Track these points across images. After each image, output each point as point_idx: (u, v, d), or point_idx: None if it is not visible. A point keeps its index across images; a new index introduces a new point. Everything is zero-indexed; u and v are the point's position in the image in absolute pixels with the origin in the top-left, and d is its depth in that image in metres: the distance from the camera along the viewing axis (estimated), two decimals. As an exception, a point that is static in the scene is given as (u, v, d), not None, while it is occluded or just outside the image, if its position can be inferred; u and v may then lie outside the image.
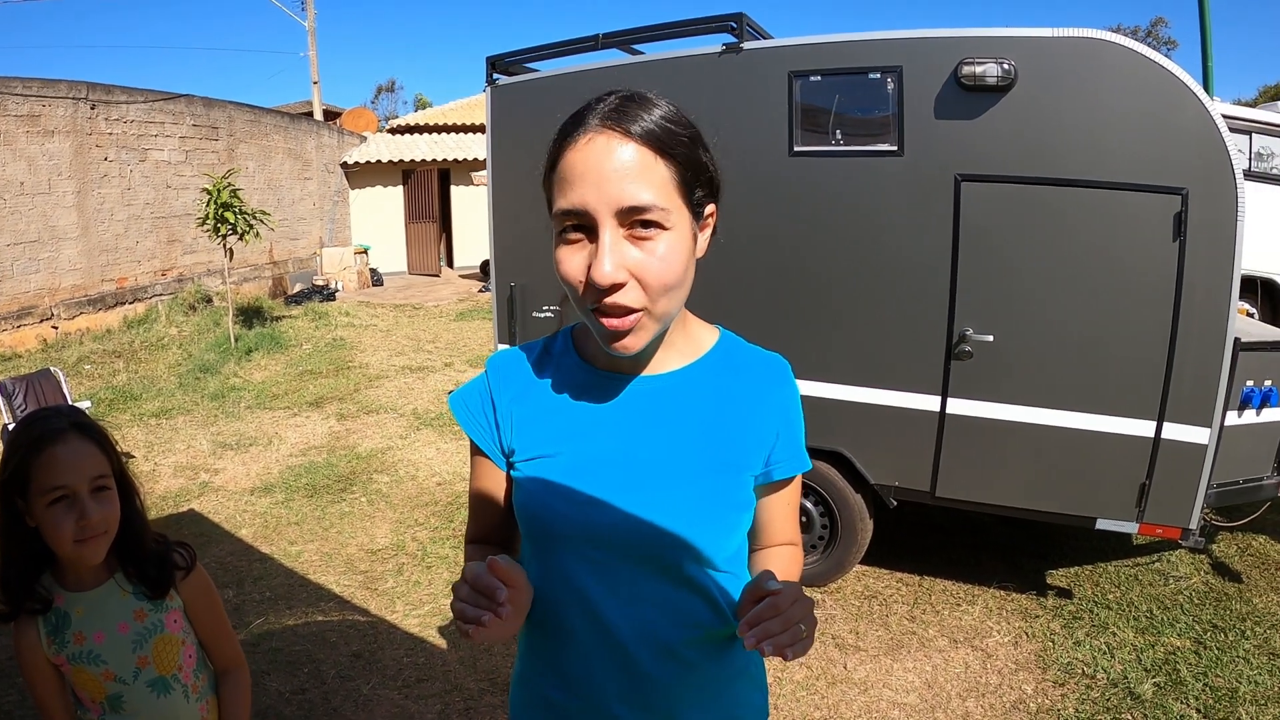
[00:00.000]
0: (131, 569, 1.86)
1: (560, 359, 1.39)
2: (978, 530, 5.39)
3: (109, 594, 1.84)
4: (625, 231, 1.14)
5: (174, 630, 1.91)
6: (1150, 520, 3.99)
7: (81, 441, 1.74)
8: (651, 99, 1.19)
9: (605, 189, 1.12)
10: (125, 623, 1.84)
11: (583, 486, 1.29)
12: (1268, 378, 4.23)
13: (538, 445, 1.34)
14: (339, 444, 7.53)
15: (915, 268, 4.14)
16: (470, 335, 12.67)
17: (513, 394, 1.38)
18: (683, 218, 1.19)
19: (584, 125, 1.16)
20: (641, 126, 1.14)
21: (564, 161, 1.16)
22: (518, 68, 5.23)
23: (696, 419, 1.32)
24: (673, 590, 1.30)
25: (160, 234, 13.03)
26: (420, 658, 4.08)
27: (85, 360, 10.18)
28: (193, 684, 1.94)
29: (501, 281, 5.32)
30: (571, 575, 1.31)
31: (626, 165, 1.13)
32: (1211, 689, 3.77)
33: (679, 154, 1.17)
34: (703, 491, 1.29)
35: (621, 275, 1.13)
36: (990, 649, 4.13)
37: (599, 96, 1.20)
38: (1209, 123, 3.61)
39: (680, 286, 1.20)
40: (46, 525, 1.71)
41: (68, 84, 11.24)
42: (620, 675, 1.30)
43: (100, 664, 1.80)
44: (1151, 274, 3.77)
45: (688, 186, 1.19)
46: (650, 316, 1.18)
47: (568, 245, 1.17)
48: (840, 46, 4.13)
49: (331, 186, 19.08)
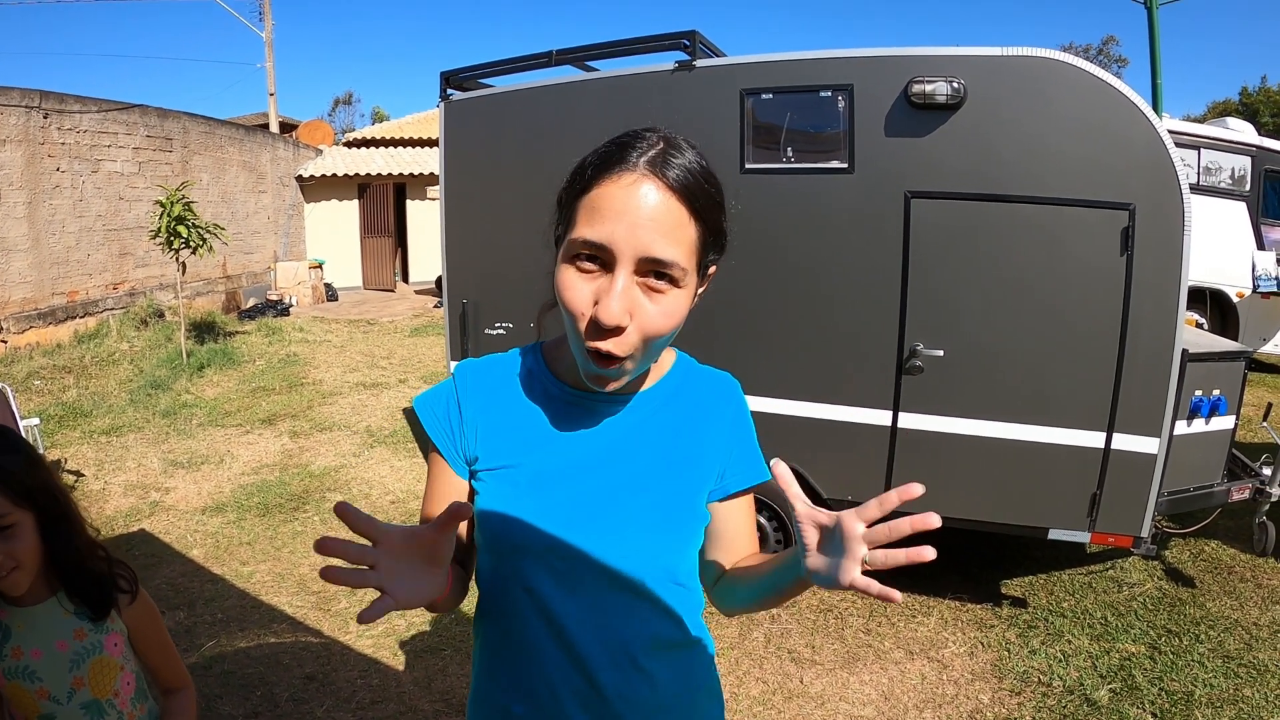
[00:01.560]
0: (72, 591, 1.82)
1: (531, 372, 1.40)
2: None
3: (50, 611, 1.81)
4: (639, 279, 1.16)
5: (113, 654, 1.86)
6: (1102, 529, 4.05)
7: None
8: (691, 151, 1.21)
9: (637, 235, 1.13)
10: (64, 641, 1.80)
11: (545, 498, 1.30)
12: (1216, 387, 4.30)
13: (501, 455, 1.34)
14: (292, 462, 7.44)
15: (866, 284, 4.17)
16: (425, 351, 12.59)
17: (480, 403, 1.38)
18: (692, 280, 1.21)
19: (627, 163, 1.16)
20: (683, 183, 1.16)
21: (599, 191, 1.17)
22: (472, 83, 5.22)
23: (656, 436, 1.35)
24: (634, 603, 1.31)
25: (112, 247, 12.84)
26: (374, 679, 4.04)
27: (35, 376, 9.99)
28: (129, 711, 1.89)
29: (454, 298, 5.30)
30: (533, 587, 1.31)
31: (661, 218, 1.14)
32: (1167, 693, 3.81)
33: (709, 218, 1.20)
34: (663, 506, 1.31)
35: (626, 319, 1.14)
36: (946, 660, 4.15)
37: (640, 133, 1.21)
38: (1156, 139, 3.67)
39: (669, 340, 1.23)
40: None
41: (20, 92, 11.03)
42: (582, 687, 1.30)
43: (36, 681, 1.76)
44: (1100, 287, 3.83)
45: (705, 249, 1.22)
46: (634, 361, 1.20)
47: (578, 272, 1.18)
48: (792, 65, 4.16)
49: (286, 200, 18.92)
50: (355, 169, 19.57)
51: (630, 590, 1.30)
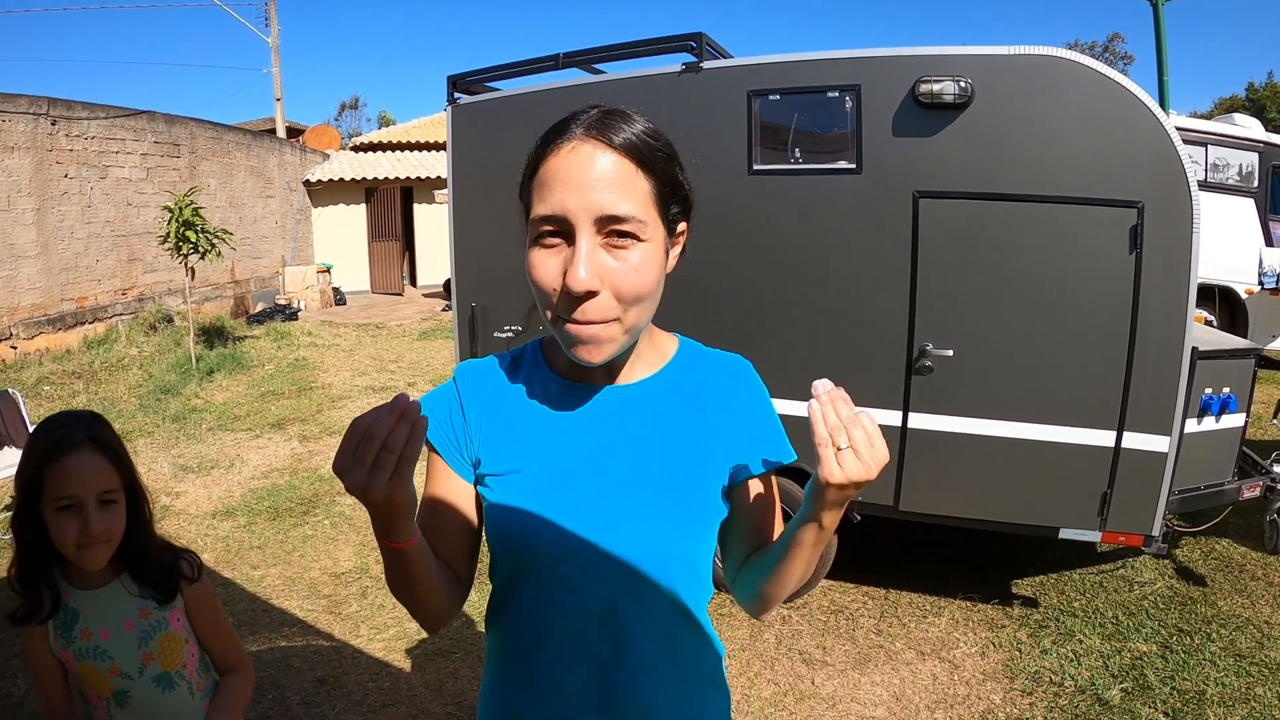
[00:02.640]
0: (137, 574, 1.92)
1: (530, 370, 1.39)
2: (942, 542, 5.41)
3: (114, 593, 1.90)
4: (601, 240, 1.16)
5: (177, 629, 1.96)
6: (1113, 528, 4.03)
7: (94, 455, 1.81)
8: (632, 114, 1.21)
9: (586, 196, 1.14)
10: (131, 620, 1.89)
11: (554, 501, 1.29)
12: (1226, 385, 4.28)
13: (507, 459, 1.33)
14: (301, 466, 7.47)
15: (875, 284, 4.16)
16: (433, 354, 12.61)
17: (481, 404, 1.37)
18: (657, 232, 1.20)
19: (567, 133, 1.18)
20: (624, 138, 1.16)
21: (545, 167, 1.18)
22: (479, 87, 5.22)
23: (665, 426, 1.33)
24: (648, 602, 1.30)
25: (121, 252, 12.88)
26: (385, 682, 4.04)
27: (45, 381, 10.03)
28: (196, 681, 1.99)
29: (462, 302, 5.30)
30: (545, 589, 1.30)
31: (608, 174, 1.15)
32: (1179, 692, 3.80)
33: (658, 169, 1.20)
34: (673, 500, 1.30)
35: (595, 283, 1.14)
36: (957, 660, 4.15)
37: (582, 109, 1.21)
38: (1163, 136, 3.66)
39: (650, 299, 1.22)
40: (53, 528, 1.78)
41: (28, 99, 11.08)
42: (593, 687, 1.30)
43: (107, 660, 1.85)
44: (1109, 286, 3.81)
45: (664, 202, 1.22)
46: (620, 326, 1.19)
47: (543, 249, 1.18)
48: (799, 66, 4.16)
49: (294, 204, 18.97)
50: (362, 173, 19.62)
51: (643, 589, 1.29)
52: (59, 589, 1.86)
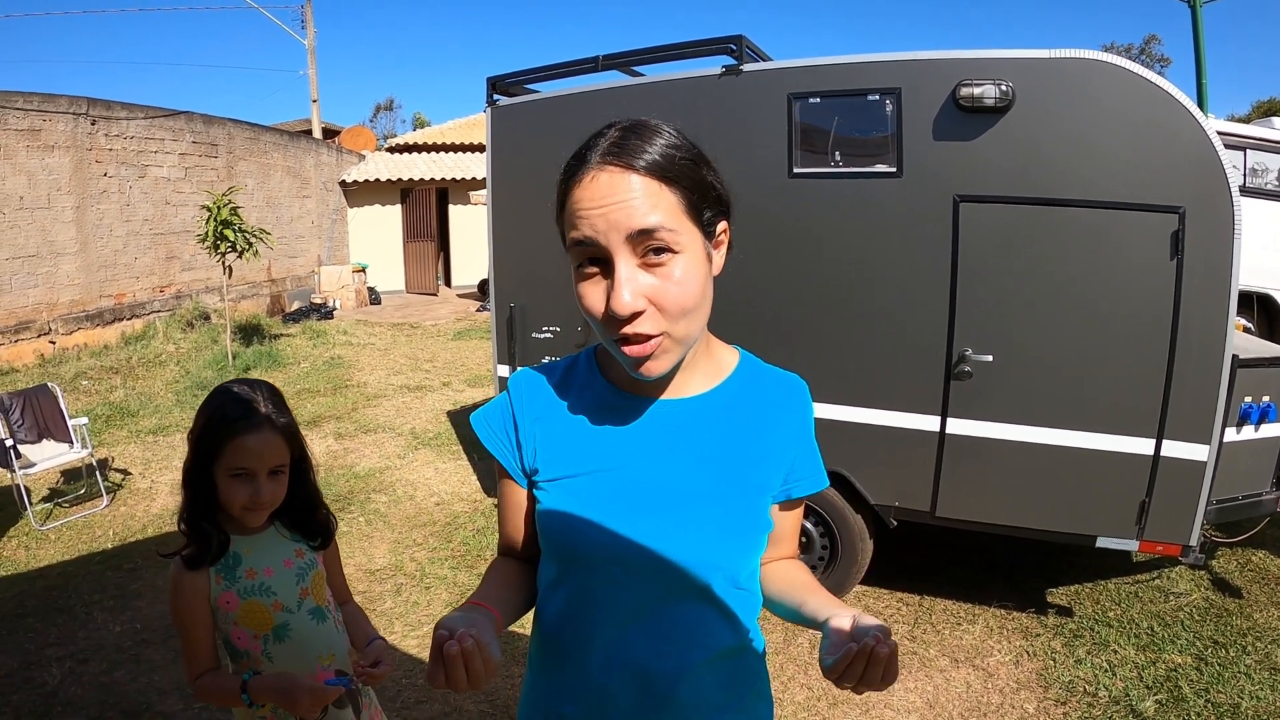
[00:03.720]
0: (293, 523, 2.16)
1: (584, 380, 1.40)
2: (978, 549, 5.38)
3: (272, 537, 2.11)
4: (639, 260, 1.16)
5: (322, 568, 2.20)
6: (1150, 537, 3.99)
7: (272, 434, 1.99)
8: (650, 127, 1.20)
9: (612, 218, 1.14)
10: (289, 559, 2.10)
11: (607, 508, 1.30)
12: (1266, 393, 4.23)
13: (561, 466, 1.34)
14: (336, 463, 7.52)
15: (914, 288, 4.14)
16: (468, 355, 12.67)
17: (535, 414, 1.38)
18: (694, 239, 1.20)
19: (586, 163, 1.18)
20: (644, 159, 1.16)
21: (571, 199, 1.19)
22: (518, 89, 5.25)
23: (720, 442, 1.33)
24: (693, 610, 1.31)
25: (159, 250, 13.03)
26: (419, 679, 4.06)
27: (83, 376, 10.16)
28: (336, 617, 2.20)
29: (501, 302, 5.33)
30: (594, 594, 1.32)
31: (630, 194, 1.14)
32: (1213, 705, 3.76)
33: (684, 179, 1.18)
34: (726, 513, 1.30)
35: (640, 304, 1.15)
36: (991, 668, 4.13)
37: (599, 131, 1.22)
38: (1205, 140, 3.62)
39: (699, 309, 1.21)
40: (224, 490, 1.97)
41: (68, 99, 11.25)
42: (636, 693, 1.31)
43: (271, 595, 2.03)
44: (1149, 292, 3.78)
45: (696, 208, 1.20)
46: (671, 339, 1.19)
47: (586, 280, 1.19)
48: (839, 68, 4.15)
49: (330, 205, 19.11)
50: (398, 174, 19.73)
51: (691, 598, 1.30)
52: (226, 535, 2.02)
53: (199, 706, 3.83)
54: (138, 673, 4.11)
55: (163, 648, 4.32)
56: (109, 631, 4.50)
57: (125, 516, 6.24)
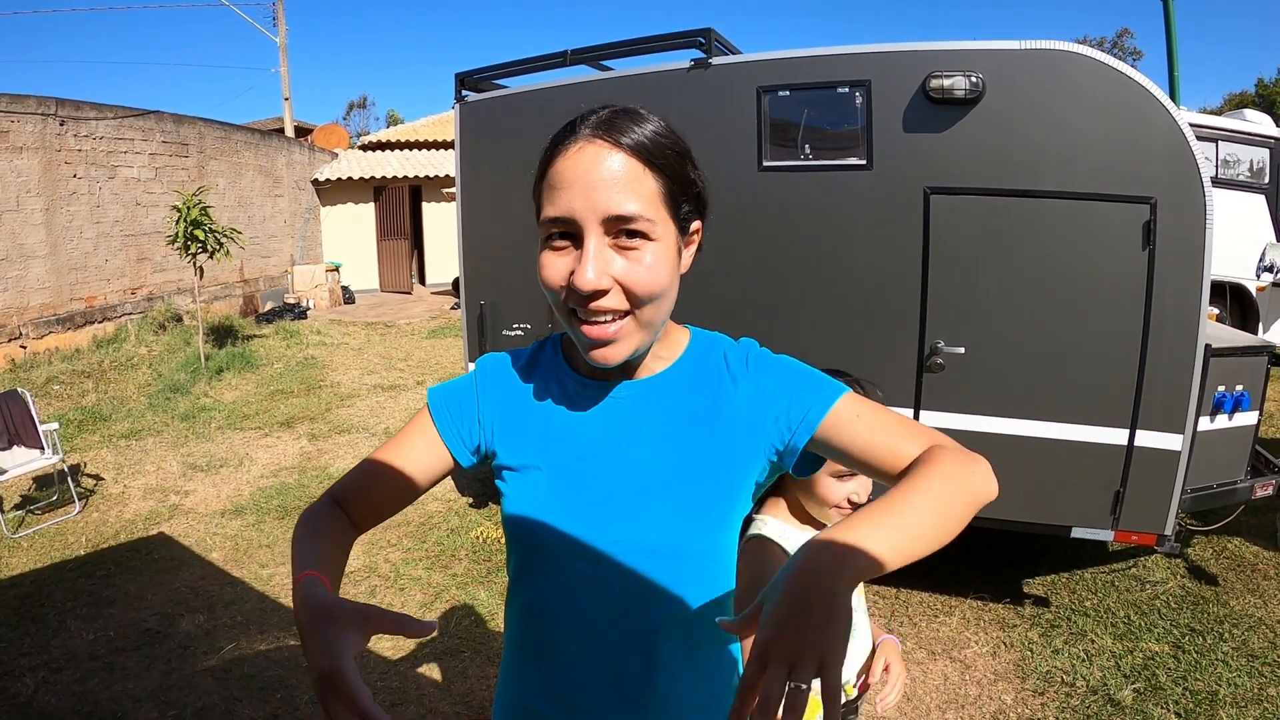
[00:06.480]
0: None
1: (548, 366, 1.39)
2: (953, 541, 5.37)
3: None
4: (610, 241, 1.14)
5: None
6: (1125, 527, 4.01)
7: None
8: (643, 114, 1.20)
9: (593, 196, 1.12)
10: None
11: (568, 498, 1.28)
12: (1239, 382, 4.26)
13: (524, 455, 1.32)
14: (310, 464, 7.47)
15: (886, 281, 4.14)
16: (443, 353, 12.62)
17: (499, 397, 1.37)
18: (668, 230, 1.19)
19: (575, 135, 1.16)
20: (632, 138, 1.15)
21: (553, 169, 1.17)
22: (487, 84, 5.22)
23: (681, 419, 1.30)
24: (661, 599, 1.28)
25: (130, 252, 12.90)
26: (394, 681, 4.03)
27: (54, 380, 10.04)
28: None
29: (471, 300, 5.29)
30: (560, 590, 1.29)
31: (615, 174, 1.13)
32: (1191, 693, 3.77)
33: (667, 168, 1.17)
34: (690, 495, 1.27)
35: (605, 282, 1.13)
36: (969, 660, 4.12)
37: (591, 109, 1.20)
38: (1176, 132, 3.63)
39: (664, 297, 1.20)
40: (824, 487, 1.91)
41: (36, 99, 11.10)
42: (609, 690, 1.29)
43: None
44: (1122, 283, 3.79)
45: (674, 201, 1.19)
46: (636, 323, 1.18)
47: (552, 251, 1.17)
48: (809, 61, 4.13)
49: (303, 203, 18.98)
50: (371, 172, 19.62)
51: (657, 585, 1.27)
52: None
53: (173, 714, 3.79)
54: (111, 681, 4.06)
55: (136, 655, 4.27)
56: (82, 640, 4.44)
57: (98, 523, 6.17)
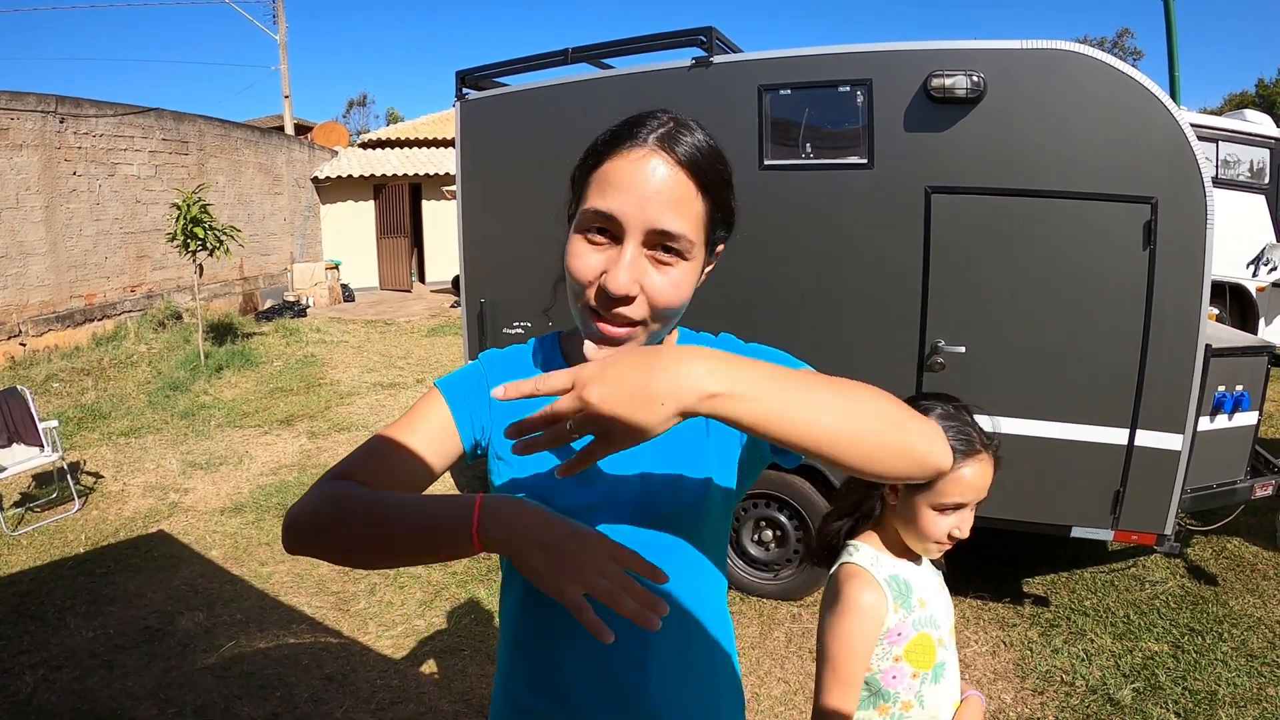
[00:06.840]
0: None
1: (547, 361, 1.40)
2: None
3: (925, 565, 1.92)
4: (647, 251, 1.17)
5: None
6: (1125, 527, 4.00)
7: (989, 465, 1.79)
8: (701, 131, 1.21)
9: (646, 207, 1.14)
10: (939, 590, 1.91)
11: (556, 495, 1.28)
12: (1239, 382, 4.25)
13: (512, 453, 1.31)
14: (310, 462, 7.46)
15: (886, 280, 4.13)
16: (442, 351, 12.62)
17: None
18: (700, 253, 1.22)
19: (637, 139, 1.17)
20: (692, 158, 1.17)
21: (611, 165, 1.18)
22: (487, 82, 5.20)
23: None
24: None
25: (129, 250, 12.89)
26: (394, 679, 4.04)
27: (54, 378, 10.04)
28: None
29: (471, 298, 5.29)
30: None
31: (670, 191, 1.15)
32: (1190, 692, 3.78)
33: (716, 194, 1.20)
34: (677, 491, 1.29)
35: (635, 289, 1.15)
36: (968, 659, 4.12)
37: (652, 113, 1.22)
38: (1177, 132, 3.63)
39: (679, 313, 1.23)
40: (925, 520, 1.77)
41: (36, 97, 11.08)
42: (602, 689, 1.29)
43: (938, 627, 1.82)
44: (1122, 283, 3.79)
45: (713, 225, 1.23)
46: (645, 334, 1.20)
47: (588, 243, 1.18)
48: (810, 60, 4.13)
49: (302, 201, 18.97)
50: (371, 170, 19.60)
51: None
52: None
53: (172, 712, 3.79)
54: (111, 679, 4.06)
55: (136, 653, 4.27)
56: (81, 637, 4.45)
57: (97, 520, 6.17)
